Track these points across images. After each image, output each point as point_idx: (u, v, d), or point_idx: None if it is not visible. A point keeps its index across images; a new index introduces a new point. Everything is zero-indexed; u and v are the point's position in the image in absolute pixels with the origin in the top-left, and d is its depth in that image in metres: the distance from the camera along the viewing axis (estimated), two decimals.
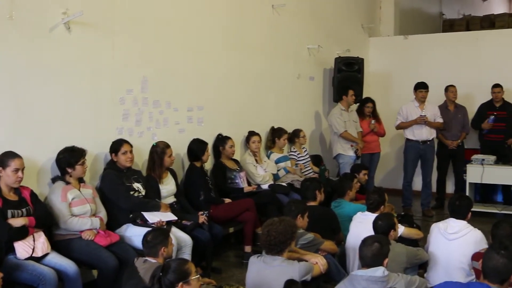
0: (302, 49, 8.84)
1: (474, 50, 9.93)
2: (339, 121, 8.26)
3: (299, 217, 4.95)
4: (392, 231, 4.69)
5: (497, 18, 12.69)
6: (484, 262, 3.56)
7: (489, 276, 3.52)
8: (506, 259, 3.46)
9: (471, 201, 5.13)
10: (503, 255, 3.48)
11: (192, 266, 3.56)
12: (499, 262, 3.46)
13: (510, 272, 3.46)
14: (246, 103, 7.55)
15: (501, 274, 3.48)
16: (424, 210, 8.79)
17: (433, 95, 8.70)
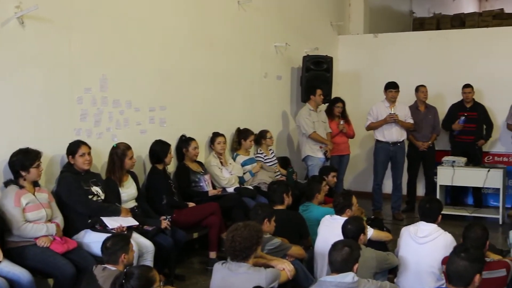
0: (269, 47, 8.85)
1: (445, 50, 10.09)
2: (308, 122, 8.30)
3: (265, 222, 4.95)
4: (361, 235, 4.73)
5: (467, 17, 12.92)
6: (447, 267, 3.64)
7: (453, 280, 3.59)
8: (467, 262, 3.54)
9: (441, 204, 5.22)
10: (463, 257, 3.56)
11: (157, 273, 3.54)
12: (460, 265, 3.54)
13: (471, 275, 3.54)
14: (211, 103, 7.53)
15: (463, 277, 3.55)
16: (395, 213, 8.89)
17: (403, 95, 8.81)
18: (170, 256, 5.52)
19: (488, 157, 9.66)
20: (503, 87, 9.43)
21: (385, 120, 8.50)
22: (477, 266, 3.57)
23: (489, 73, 9.60)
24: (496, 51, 9.69)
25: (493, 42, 9.77)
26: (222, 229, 6.19)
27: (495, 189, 9.03)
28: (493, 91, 9.53)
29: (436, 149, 9.44)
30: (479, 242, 4.46)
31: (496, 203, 9.14)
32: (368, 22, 11.52)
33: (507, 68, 9.52)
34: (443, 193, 9.09)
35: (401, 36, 10.83)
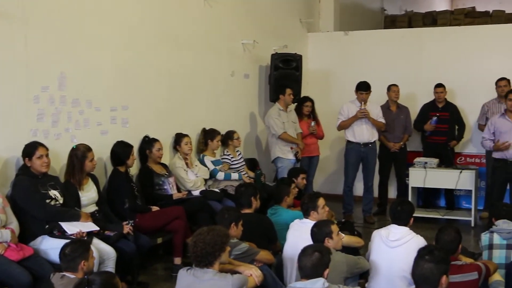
0: (236, 44, 8.85)
1: (417, 48, 10.22)
2: (277, 122, 8.31)
3: (232, 226, 4.94)
4: (327, 239, 4.73)
5: (439, 15, 13.13)
6: (413, 271, 3.69)
7: (420, 284, 3.64)
8: (432, 264, 3.60)
9: (413, 207, 5.28)
10: (428, 260, 3.62)
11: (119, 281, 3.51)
12: (425, 268, 3.60)
13: (438, 277, 3.60)
14: (175, 103, 7.49)
15: (430, 280, 3.61)
16: (366, 216, 8.96)
17: (374, 95, 8.88)
18: (132, 262, 5.49)
19: (460, 158, 9.81)
20: (476, 86, 9.58)
21: (356, 116, 8.53)
22: (442, 268, 3.64)
23: (461, 73, 9.76)
24: (468, 50, 9.84)
25: (465, 40, 9.92)
26: (187, 234, 6.17)
27: (467, 190, 9.17)
28: (465, 90, 9.68)
29: (408, 150, 9.56)
30: (452, 246, 4.53)
31: (468, 205, 9.27)
32: (339, 19, 11.59)
33: (480, 67, 9.68)
34: (415, 195, 9.20)
35: (372, 34, 10.93)
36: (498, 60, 9.58)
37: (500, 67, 9.27)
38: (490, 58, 9.66)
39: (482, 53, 9.74)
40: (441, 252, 3.82)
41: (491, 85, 9.00)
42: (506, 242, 5.13)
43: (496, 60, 9.60)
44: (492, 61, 9.61)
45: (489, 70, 9.37)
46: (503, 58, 9.57)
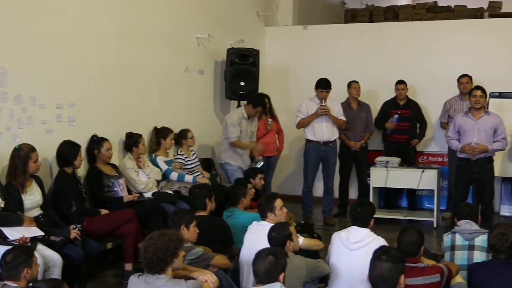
0: (190, 38, 8.82)
1: (378, 43, 10.35)
2: (234, 130, 8.28)
3: (182, 228, 4.92)
4: (288, 242, 4.78)
5: (400, 10, 13.29)
6: (370, 273, 3.74)
7: (378, 286, 3.69)
8: (390, 263, 3.66)
9: (374, 207, 5.33)
10: (385, 260, 3.68)
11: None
12: (384, 268, 3.66)
13: (397, 276, 3.67)
14: (125, 100, 7.43)
15: (389, 280, 3.67)
16: (326, 218, 9.02)
17: (335, 92, 8.91)
18: (80, 269, 5.42)
19: (423, 157, 9.98)
20: (438, 83, 9.75)
21: (316, 114, 8.56)
22: (400, 267, 3.71)
23: (423, 69, 9.92)
24: (430, 45, 10.00)
25: (427, 36, 10.07)
26: (138, 238, 6.11)
27: (429, 190, 9.33)
28: (427, 87, 9.85)
29: (369, 149, 9.67)
30: (414, 247, 4.60)
31: (430, 206, 9.45)
32: (297, 13, 11.65)
33: (442, 64, 9.85)
34: (377, 195, 9.32)
35: (332, 29, 11.02)
36: (460, 56, 9.77)
37: (462, 64, 9.47)
38: (452, 54, 9.84)
39: (444, 49, 9.91)
40: (396, 251, 3.89)
41: (453, 82, 9.17)
42: (468, 243, 5.23)
43: (458, 56, 9.78)
44: (454, 57, 9.80)
45: (451, 67, 9.54)
46: (465, 54, 9.76)
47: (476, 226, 5.36)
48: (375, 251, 3.87)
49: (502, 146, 7.79)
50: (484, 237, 5.17)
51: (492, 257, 4.77)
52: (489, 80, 9.15)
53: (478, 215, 5.60)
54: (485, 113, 7.78)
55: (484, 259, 5.04)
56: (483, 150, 7.63)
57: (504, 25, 9.97)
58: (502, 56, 9.58)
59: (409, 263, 4.16)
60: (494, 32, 9.78)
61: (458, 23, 10.66)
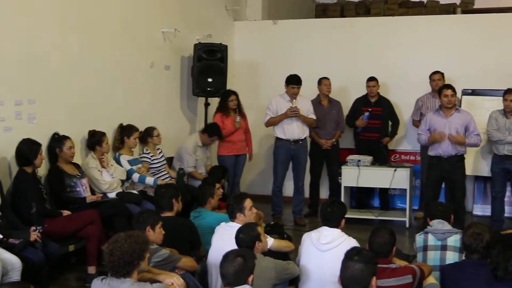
0: (155, 33, 8.77)
1: (349, 39, 10.40)
2: (190, 159, 8.38)
3: (148, 230, 4.91)
4: (257, 243, 4.79)
5: (372, 5, 13.38)
6: (341, 274, 3.77)
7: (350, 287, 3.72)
8: (362, 264, 3.69)
9: (345, 207, 5.35)
10: (357, 260, 3.71)
11: None
12: (356, 269, 3.69)
13: (369, 277, 3.70)
14: (88, 96, 7.36)
15: (361, 281, 3.70)
16: (296, 218, 9.05)
17: (305, 88, 8.94)
18: (41, 272, 5.39)
19: (395, 156, 10.06)
20: (410, 80, 9.82)
21: (286, 114, 8.58)
22: (372, 268, 3.74)
23: (395, 65, 9.99)
24: (402, 41, 10.09)
25: (399, 31, 10.16)
26: (102, 240, 6.09)
27: (402, 190, 9.42)
28: (399, 84, 9.93)
29: (340, 147, 9.70)
30: (385, 248, 4.64)
31: (403, 205, 9.53)
32: (267, 7, 11.65)
33: (414, 60, 9.92)
34: (348, 195, 9.38)
35: (302, 24, 11.05)
36: (432, 52, 9.85)
37: (435, 60, 9.55)
38: (425, 50, 9.92)
39: (416, 45, 9.99)
40: (369, 252, 3.92)
41: (425, 79, 9.26)
42: (441, 243, 5.30)
43: (431, 52, 9.86)
44: (427, 53, 9.88)
45: (424, 63, 9.62)
46: (437, 50, 9.85)
47: (449, 226, 5.43)
48: (347, 252, 3.89)
49: (477, 141, 7.94)
50: (457, 237, 5.24)
51: (466, 257, 4.83)
52: (462, 77, 9.31)
53: (451, 214, 5.66)
54: (456, 110, 7.90)
55: (456, 260, 5.10)
56: (460, 142, 7.75)
57: (477, 21, 10.08)
58: (475, 52, 9.69)
59: (381, 264, 4.20)
60: (467, 28, 9.89)
61: (430, 18, 10.73)
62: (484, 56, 9.61)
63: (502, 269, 4.15)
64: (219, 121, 8.72)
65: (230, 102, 8.80)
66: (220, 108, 8.90)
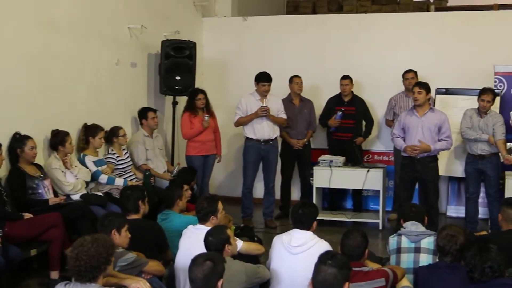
0: (121, 29, 8.73)
1: (322, 36, 10.46)
2: (140, 151, 8.36)
3: (113, 233, 4.90)
4: (227, 246, 4.80)
5: (345, 1, 13.45)
6: (313, 278, 3.79)
7: None
8: (335, 269, 3.71)
9: (317, 209, 5.38)
10: (331, 265, 3.73)
11: None
12: (329, 274, 3.71)
13: (342, 282, 3.72)
14: (50, 95, 7.29)
15: (333, 286, 3.73)
16: (267, 220, 9.05)
17: (276, 87, 8.97)
18: (1, 278, 5.31)
19: (368, 156, 10.13)
20: (384, 79, 9.92)
21: (256, 114, 8.60)
22: (346, 273, 3.77)
23: (368, 64, 10.08)
24: (375, 39, 10.18)
25: (372, 29, 10.25)
26: (65, 244, 6.04)
27: (375, 191, 9.51)
28: (373, 83, 10.02)
29: (312, 147, 9.76)
30: (357, 251, 4.67)
31: (376, 207, 9.59)
32: (237, 3, 11.67)
33: (388, 58, 10.03)
34: (320, 196, 9.42)
35: (273, 20, 11.06)
36: (406, 50, 9.96)
37: (409, 58, 9.66)
38: (398, 48, 10.03)
39: (390, 42, 10.10)
40: (343, 256, 3.95)
41: (399, 78, 9.35)
42: (414, 246, 5.35)
43: (405, 50, 9.97)
44: (400, 51, 9.99)
45: (398, 61, 9.72)
46: (411, 48, 9.97)
47: (423, 228, 5.48)
48: (320, 255, 3.91)
49: (446, 145, 8.00)
50: (431, 239, 5.30)
51: (439, 259, 4.88)
52: (436, 76, 9.40)
53: (425, 216, 5.71)
54: (430, 110, 7.97)
55: (430, 262, 5.15)
56: (425, 149, 7.82)
57: (450, 19, 10.20)
58: (449, 50, 9.82)
59: (353, 267, 4.23)
60: (441, 26, 10.00)
61: (404, 16, 10.83)
62: (459, 54, 9.74)
63: (479, 271, 4.21)
64: (187, 120, 8.70)
65: (198, 101, 8.76)
66: (188, 107, 8.86)
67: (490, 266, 4.20)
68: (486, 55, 9.52)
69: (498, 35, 9.60)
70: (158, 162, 8.56)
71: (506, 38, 9.54)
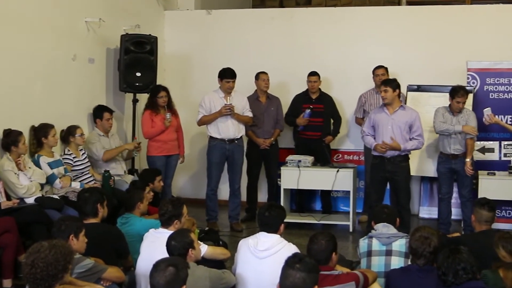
0: (78, 22, 8.65)
1: (289, 31, 10.48)
2: (98, 146, 8.32)
3: (71, 238, 4.86)
4: (190, 250, 4.79)
5: None
6: (280, 282, 3.80)
7: None
8: (304, 273, 3.73)
9: (284, 211, 5.41)
10: (299, 269, 3.75)
11: None
12: (297, 278, 3.73)
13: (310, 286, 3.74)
14: (4, 92, 7.21)
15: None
16: (232, 223, 9.06)
17: (241, 84, 8.99)
18: None
19: (337, 156, 10.19)
20: (353, 75, 9.99)
21: (220, 112, 8.58)
22: (314, 277, 3.78)
23: (337, 60, 10.14)
24: (344, 34, 10.23)
25: (342, 23, 10.28)
26: (19, 250, 6.00)
27: (345, 192, 9.57)
28: (342, 80, 10.08)
29: (279, 147, 9.77)
30: (323, 255, 4.69)
31: (346, 208, 9.66)
32: None
33: (357, 54, 10.10)
34: (288, 198, 9.45)
35: (238, 14, 11.07)
36: (377, 46, 10.04)
37: (379, 54, 9.71)
38: (369, 43, 10.10)
39: (360, 37, 10.15)
40: (312, 260, 3.96)
41: (370, 74, 9.41)
42: (386, 248, 5.41)
43: (375, 46, 10.05)
44: (371, 47, 10.06)
45: (368, 57, 9.78)
46: (382, 43, 10.05)
47: (394, 230, 5.53)
48: (288, 258, 3.92)
49: (418, 145, 8.08)
50: (402, 241, 5.36)
51: (411, 262, 4.94)
52: (407, 72, 9.49)
53: (397, 217, 5.76)
54: (401, 107, 8.04)
55: (402, 265, 5.21)
56: (394, 148, 7.89)
57: (422, 13, 10.27)
58: (421, 46, 9.91)
59: (323, 271, 4.25)
60: (413, 21, 10.09)
61: (374, 10, 10.86)
62: (431, 50, 9.83)
63: (452, 273, 4.25)
64: (148, 119, 8.67)
65: (159, 99, 8.73)
66: (149, 105, 8.82)
67: (463, 267, 4.25)
68: (459, 50, 9.63)
69: (471, 30, 9.72)
70: (116, 163, 8.50)
71: (479, 33, 9.66)
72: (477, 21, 9.79)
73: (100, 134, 8.45)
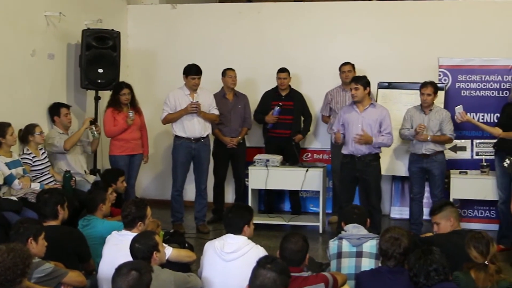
0: (37, 16, 8.57)
1: (258, 26, 10.49)
2: (58, 140, 8.24)
3: (30, 242, 4.83)
4: (155, 253, 4.78)
5: None
6: (250, 283, 3.82)
7: None
8: (275, 273, 3.75)
9: (249, 212, 5.40)
10: (270, 269, 3.78)
11: None
12: (268, 278, 3.76)
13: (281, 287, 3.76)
14: None
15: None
16: (199, 225, 9.06)
17: (207, 80, 9.02)
18: None
19: (307, 155, 10.22)
20: (323, 72, 10.01)
21: (186, 110, 8.57)
22: (285, 280, 3.82)
23: (307, 56, 10.20)
24: (314, 29, 10.27)
25: (311, 19, 10.32)
26: None
27: (314, 192, 9.58)
28: (312, 76, 10.13)
29: (247, 145, 9.79)
30: (298, 256, 4.71)
31: (315, 209, 9.70)
32: None
33: (327, 50, 10.16)
34: (256, 198, 9.46)
35: (205, 8, 11.04)
36: (347, 42, 10.12)
37: (349, 50, 9.81)
38: (339, 39, 10.17)
39: (330, 33, 10.21)
40: (283, 262, 3.99)
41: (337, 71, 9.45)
42: (356, 250, 5.44)
43: (345, 42, 10.13)
44: (341, 43, 10.14)
45: (338, 53, 9.83)
46: (351, 39, 10.13)
47: (365, 231, 5.57)
48: (260, 259, 3.95)
49: (387, 141, 8.14)
50: (373, 242, 5.40)
51: (382, 263, 4.97)
52: (378, 69, 9.56)
53: (367, 218, 5.80)
54: (371, 105, 8.11)
55: (372, 267, 5.25)
56: (367, 140, 7.94)
57: (393, 8, 10.31)
58: (392, 42, 9.98)
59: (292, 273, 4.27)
60: (383, 16, 10.16)
61: (344, 4, 10.80)
62: (402, 46, 9.92)
63: (424, 275, 4.30)
64: (110, 117, 8.64)
65: (122, 96, 8.70)
66: (111, 102, 8.77)
67: (435, 269, 4.30)
68: (430, 47, 9.70)
69: (443, 26, 9.81)
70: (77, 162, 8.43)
71: (451, 29, 9.76)
72: (449, 17, 9.87)
73: (60, 132, 8.37)
